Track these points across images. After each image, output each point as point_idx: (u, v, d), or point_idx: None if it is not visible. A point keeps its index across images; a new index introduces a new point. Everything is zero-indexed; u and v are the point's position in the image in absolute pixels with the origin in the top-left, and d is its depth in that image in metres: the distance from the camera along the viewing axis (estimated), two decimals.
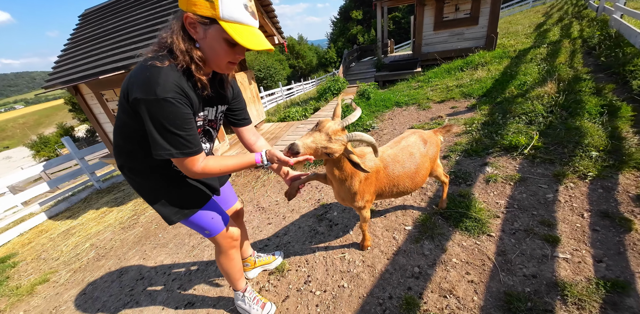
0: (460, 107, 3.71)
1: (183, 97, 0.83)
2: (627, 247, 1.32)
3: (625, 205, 1.54)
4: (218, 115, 1.10)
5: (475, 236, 1.61)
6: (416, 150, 1.48)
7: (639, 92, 2.44)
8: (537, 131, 2.39)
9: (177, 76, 0.82)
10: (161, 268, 2.18)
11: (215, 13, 0.77)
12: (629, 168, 1.75)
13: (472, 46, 6.49)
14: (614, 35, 4.02)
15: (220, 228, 1.20)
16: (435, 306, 1.28)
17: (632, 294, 1.13)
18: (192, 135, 0.87)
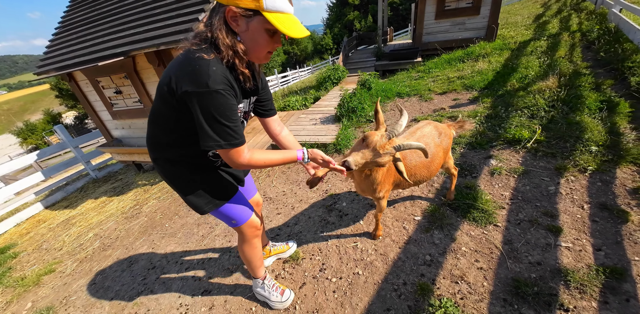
0: (463, 99, 3.75)
1: (231, 89, 0.85)
2: (624, 237, 1.43)
3: (622, 198, 1.64)
4: (250, 107, 1.11)
5: (482, 226, 1.70)
6: (431, 140, 1.52)
7: (637, 89, 2.52)
8: (540, 125, 2.46)
9: (224, 69, 0.83)
10: (172, 257, 2.22)
11: (259, 4, 0.77)
12: (626, 163, 1.85)
13: (473, 37, 6.45)
14: (613, 30, 4.07)
15: (246, 217, 1.24)
16: (447, 291, 1.37)
17: (628, 280, 1.24)
18: (238, 126, 0.89)
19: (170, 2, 3.13)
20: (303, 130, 3.75)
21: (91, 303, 1.95)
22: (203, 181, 1.12)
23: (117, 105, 3.96)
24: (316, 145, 3.24)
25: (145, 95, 3.57)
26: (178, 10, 2.96)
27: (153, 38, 2.88)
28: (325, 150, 3.17)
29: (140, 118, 3.88)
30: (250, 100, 1.09)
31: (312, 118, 4.20)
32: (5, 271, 2.67)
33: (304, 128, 3.79)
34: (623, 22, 3.88)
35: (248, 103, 1.08)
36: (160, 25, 2.94)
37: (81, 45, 3.48)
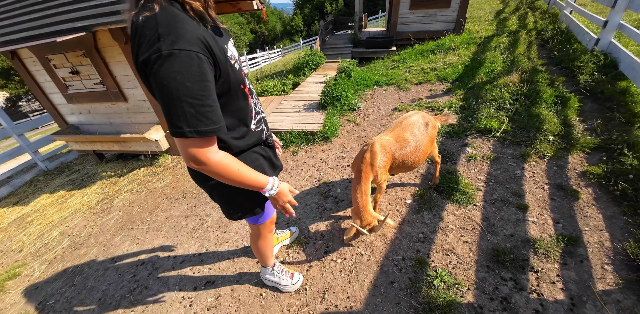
0: (437, 91, 4.00)
1: (204, 48, 0.63)
2: (576, 211, 1.74)
3: (573, 180, 1.97)
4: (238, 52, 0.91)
5: (464, 206, 1.93)
6: (417, 129, 1.68)
7: (584, 86, 2.92)
8: (506, 117, 2.76)
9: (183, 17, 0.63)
10: (162, 251, 2.15)
11: None
12: (576, 150, 2.19)
13: (444, 29, 6.75)
14: (564, 31, 4.56)
15: (270, 214, 1.21)
16: (441, 263, 1.57)
17: (581, 245, 1.54)
18: (212, 106, 0.65)
19: None
20: (287, 117, 3.72)
21: (74, 305, 1.84)
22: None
23: (73, 87, 3.52)
24: (303, 133, 3.26)
25: (109, 76, 3.22)
26: None
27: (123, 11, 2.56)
28: (313, 139, 3.21)
29: (102, 103, 3.51)
30: (234, 44, 0.85)
31: (294, 105, 4.16)
32: None
33: (288, 116, 3.76)
34: (574, 24, 4.36)
35: (234, 47, 0.83)
36: None
37: (28, 17, 2.96)
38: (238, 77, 0.77)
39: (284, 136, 3.25)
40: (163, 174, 3.42)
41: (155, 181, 3.29)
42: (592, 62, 3.20)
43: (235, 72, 0.75)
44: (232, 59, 0.75)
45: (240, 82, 0.78)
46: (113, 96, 3.36)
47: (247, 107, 0.85)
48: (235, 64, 0.77)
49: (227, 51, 0.73)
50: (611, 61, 3.06)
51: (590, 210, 1.73)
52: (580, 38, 3.97)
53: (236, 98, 0.79)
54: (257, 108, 0.95)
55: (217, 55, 0.66)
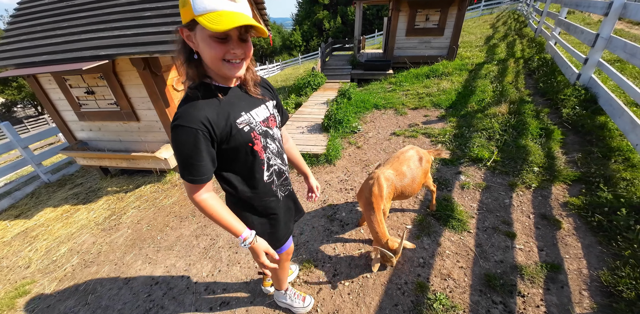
0: (432, 116, 4.28)
1: (202, 126, 0.84)
2: (557, 240, 1.95)
3: (556, 210, 2.19)
4: (272, 112, 1.06)
5: (459, 232, 2.12)
6: (412, 163, 1.91)
7: (567, 119, 3.22)
8: (496, 147, 3.02)
9: (195, 103, 0.85)
10: (175, 271, 2.23)
11: (191, 13, 0.72)
12: (559, 182, 2.43)
13: (437, 54, 7.21)
14: (549, 62, 4.97)
15: (288, 246, 1.35)
16: (439, 287, 1.74)
17: (562, 272, 1.73)
18: (200, 165, 0.88)
19: (162, 6, 3.01)
20: (292, 138, 3.90)
21: None
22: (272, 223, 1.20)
23: (86, 106, 3.67)
24: (308, 155, 3.45)
25: (124, 98, 3.40)
26: (173, 16, 2.89)
27: (145, 44, 2.77)
28: (317, 161, 3.40)
29: (114, 121, 3.65)
30: (264, 108, 1.03)
31: (298, 126, 4.38)
32: None
33: (293, 137, 3.96)
34: (558, 57, 4.73)
35: (262, 111, 1.02)
36: (153, 30, 2.84)
37: (50, 41, 3.15)
38: (245, 137, 0.94)
39: None
40: (170, 191, 3.52)
41: (162, 199, 3.38)
42: (574, 96, 3.52)
43: (242, 135, 0.93)
44: (241, 124, 0.93)
45: (247, 141, 0.95)
46: (126, 115, 3.51)
47: (254, 161, 1.01)
48: (245, 127, 0.94)
49: (237, 118, 0.92)
50: (591, 96, 3.35)
51: (571, 239, 1.94)
52: (564, 71, 4.34)
53: (244, 154, 0.98)
54: (272, 162, 1.08)
55: (215, 127, 0.87)
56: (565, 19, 5.02)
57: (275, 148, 1.09)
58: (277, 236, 1.23)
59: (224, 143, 0.92)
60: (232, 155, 0.96)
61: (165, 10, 2.95)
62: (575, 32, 4.04)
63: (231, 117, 0.91)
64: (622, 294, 1.53)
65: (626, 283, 1.56)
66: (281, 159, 1.14)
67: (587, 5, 3.83)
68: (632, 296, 1.49)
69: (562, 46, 4.73)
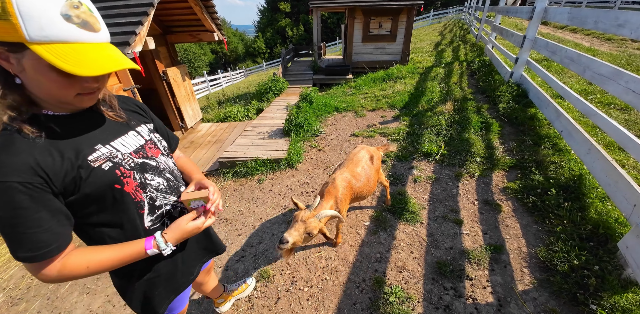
0: (388, 117, 4.47)
1: (25, 174, 0.61)
2: (499, 223, 2.10)
3: (497, 195, 2.37)
4: (148, 138, 0.87)
5: (412, 224, 2.20)
6: (366, 163, 1.95)
7: (503, 113, 3.55)
8: (443, 141, 3.22)
9: (5, 144, 0.61)
10: (117, 299, 1.99)
11: (20, 35, 0.54)
12: (498, 169, 2.65)
13: (392, 59, 7.62)
14: (488, 64, 5.49)
15: (181, 307, 1.09)
16: (395, 280, 1.77)
17: (504, 252, 1.86)
18: (36, 232, 0.62)
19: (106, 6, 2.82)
20: (252, 144, 3.83)
21: None
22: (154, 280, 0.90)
23: None
24: (268, 161, 3.39)
25: None
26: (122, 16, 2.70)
27: None
28: (278, 166, 3.35)
29: None
30: (140, 133, 0.85)
31: (259, 131, 4.31)
32: None
33: (252, 143, 3.88)
34: (495, 59, 5.28)
35: (134, 137, 0.83)
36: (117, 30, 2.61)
37: None
38: (106, 178, 0.72)
39: (249, 164, 3.35)
40: None
41: None
42: (509, 92, 3.91)
43: (100, 176, 0.71)
44: (97, 161, 0.71)
45: (110, 182, 0.73)
46: None
47: (129, 205, 0.78)
48: (105, 164, 0.72)
49: (90, 154, 0.71)
50: (523, 91, 3.76)
51: (510, 220, 2.10)
52: (499, 70, 4.82)
53: (111, 200, 0.75)
54: (159, 202, 0.86)
55: (50, 173, 0.64)
56: (499, 24, 5.61)
57: (163, 184, 0.87)
58: (152, 299, 0.92)
59: (74, 194, 0.68)
60: (95, 206, 0.73)
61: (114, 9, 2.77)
62: (507, 35, 4.52)
63: (80, 155, 0.69)
64: (557, 267, 1.67)
65: (560, 256, 1.71)
66: (177, 195, 0.92)
67: (515, 11, 4.33)
68: (566, 268, 1.64)
69: (497, 49, 5.27)
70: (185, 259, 0.99)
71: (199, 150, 4.21)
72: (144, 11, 2.73)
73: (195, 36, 4.59)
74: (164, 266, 0.92)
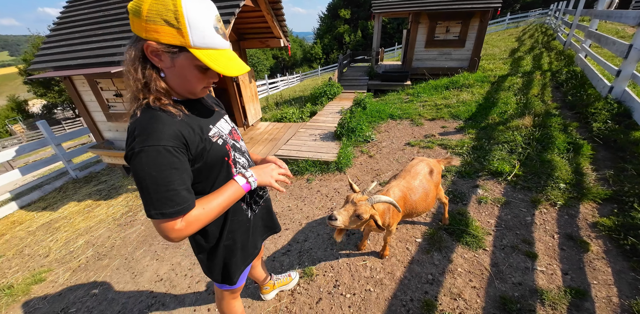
0: (450, 128, 4.15)
1: (174, 140, 0.73)
2: (585, 264, 1.76)
3: (584, 230, 2.00)
4: (232, 125, 1.03)
5: (474, 249, 1.98)
6: (424, 176, 1.82)
7: (598, 134, 3.00)
8: (518, 161, 2.85)
9: (158, 116, 0.74)
10: (180, 269, 2.24)
11: (185, 41, 0.69)
12: (588, 200, 2.24)
13: (458, 66, 7.09)
14: (579, 75, 4.73)
15: (242, 282, 1.19)
16: (448, 307, 1.61)
17: (588, 299, 1.55)
18: (177, 190, 0.73)
19: None
20: (304, 145, 3.93)
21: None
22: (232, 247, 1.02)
23: (114, 108, 3.90)
24: (318, 162, 3.43)
25: None
26: None
27: None
28: (327, 168, 3.37)
29: None
30: (227, 120, 1.01)
31: (311, 133, 4.40)
32: None
33: (305, 144, 3.97)
34: (588, 69, 4.51)
35: (226, 124, 0.98)
36: None
37: (86, 46, 3.42)
38: (221, 151, 0.87)
39: (300, 163, 3.43)
40: None
41: None
42: (606, 109, 3.29)
43: (216, 148, 0.86)
44: (214, 137, 0.86)
45: (223, 155, 0.88)
46: None
47: (227, 178, 0.92)
48: (219, 140, 0.87)
49: (209, 131, 0.86)
50: (625, 110, 3.14)
51: (600, 263, 1.75)
52: (594, 83, 4.10)
53: (218, 171, 0.88)
54: None
55: (190, 141, 0.77)
56: (595, 30, 4.80)
57: (245, 163, 1.01)
58: (230, 266, 1.04)
59: (199, 161, 0.82)
60: (205, 174, 0.86)
61: None
62: (606, 43, 3.84)
63: (204, 131, 0.84)
64: None
65: None
66: None
67: (618, 16, 3.65)
68: None
69: (592, 58, 4.50)
70: (253, 232, 1.11)
71: (257, 146, 4.48)
72: (226, 20, 3.01)
73: (263, 42, 4.91)
74: (240, 235, 1.03)
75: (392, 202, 1.31)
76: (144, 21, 0.67)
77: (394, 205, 1.32)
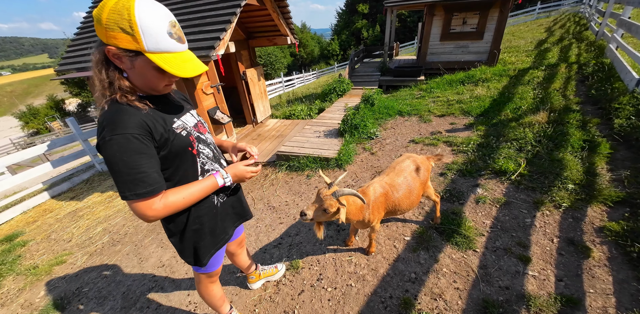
0: (459, 124, 3.99)
1: (139, 129, 0.81)
2: (584, 271, 1.65)
3: (588, 235, 1.86)
4: (198, 119, 1.10)
5: (463, 250, 1.91)
6: (408, 173, 1.77)
7: (619, 131, 2.75)
8: (525, 159, 2.69)
9: (124, 109, 0.82)
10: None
11: (140, 46, 0.76)
12: (597, 203, 2.07)
13: (475, 60, 6.74)
14: (607, 67, 4.33)
15: (215, 266, 1.25)
16: (427, 307, 1.58)
17: (581, 309, 1.45)
18: (147, 172, 0.82)
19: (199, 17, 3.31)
20: (307, 141, 3.96)
21: (103, 295, 2.11)
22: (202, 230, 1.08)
23: None
24: (319, 159, 3.45)
25: None
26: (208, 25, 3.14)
27: (200, 48, 2.98)
28: (327, 164, 3.38)
29: None
30: (192, 114, 1.08)
31: (316, 130, 4.42)
32: (15, 258, 2.80)
33: (308, 140, 4.00)
34: (617, 61, 4.11)
35: (191, 118, 1.06)
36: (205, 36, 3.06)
37: None
38: (184, 141, 0.96)
39: (301, 160, 3.47)
40: None
41: None
42: (631, 104, 3.01)
43: (180, 138, 0.94)
44: (178, 128, 0.94)
45: (187, 145, 0.97)
46: None
47: (192, 167, 1.01)
48: (182, 132, 0.96)
49: (173, 123, 0.94)
50: None
51: (601, 271, 1.63)
52: (622, 76, 3.74)
53: (182, 160, 0.97)
54: (207, 167, 1.07)
55: (154, 131, 0.86)
56: (629, 19, 4.35)
57: (210, 153, 1.09)
58: (199, 249, 1.11)
59: (164, 150, 0.90)
60: (170, 161, 0.94)
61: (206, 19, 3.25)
62: (637, 32, 3.48)
63: (167, 123, 0.92)
64: None
65: None
66: (219, 164, 1.13)
67: None
68: None
69: (623, 50, 4.09)
70: (222, 218, 1.18)
71: (264, 142, 4.57)
72: (227, 19, 3.08)
73: (271, 40, 4.97)
74: (207, 220, 1.10)
75: (357, 194, 1.31)
76: (104, 28, 0.75)
77: (358, 197, 1.32)
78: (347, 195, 1.33)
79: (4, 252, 2.94)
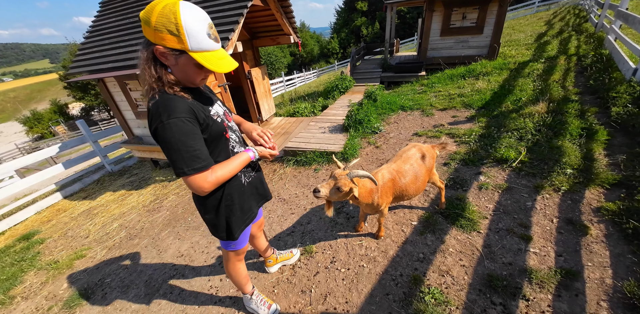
0: (461, 117, 4.09)
1: (189, 113, 0.95)
2: (582, 246, 1.75)
3: (586, 215, 1.97)
4: (224, 109, 1.24)
5: (467, 232, 2.03)
6: (416, 161, 1.88)
7: (616, 119, 2.84)
8: (525, 147, 2.79)
9: (174, 98, 0.95)
10: (198, 247, 2.51)
11: (185, 46, 0.88)
12: (595, 185, 2.17)
13: (475, 54, 6.82)
14: (605, 58, 4.41)
15: (241, 245, 1.39)
16: (435, 282, 1.70)
17: (579, 280, 1.56)
18: (200, 150, 0.96)
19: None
20: (313, 137, 4.08)
21: (126, 284, 2.24)
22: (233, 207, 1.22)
23: (142, 106, 4.27)
24: (325, 153, 3.56)
25: None
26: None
27: None
28: None
29: None
30: (220, 105, 1.21)
31: (320, 126, 4.53)
32: (34, 255, 2.93)
33: (314, 136, 4.11)
34: (615, 52, 4.19)
35: (220, 107, 1.18)
36: None
37: (115, 51, 3.80)
38: (220, 127, 1.09)
39: (308, 154, 3.59)
40: None
41: None
42: (628, 93, 3.10)
43: (217, 124, 1.08)
44: (214, 116, 1.08)
45: (222, 130, 1.10)
46: None
47: (225, 150, 1.16)
48: (218, 119, 1.10)
49: (210, 111, 1.07)
50: None
51: (598, 246, 1.74)
52: (620, 67, 3.83)
53: (218, 143, 1.11)
54: (237, 150, 1.23)
55: (199, 116, 0.99)
56: (626, 10, 4.42)
57: (237, 138, 1.24)
58: (231, 223, 1.24)
59: (205, 133, 1.03)
60: (209, 145, 1.06)
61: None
62: (634, 22, 3.57)
63: (206, 111, 1.05)
64: None
65: None
66: (244, 147, 1.28)
67: None
68: None
69: (621, 41, 4.17)
70: (248, 196, 1.31)
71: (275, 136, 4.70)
72: (235, 20, 3.20)
73: (274, 39, 5.08)
74: (237, 197, 1.24)
75: (369, 176, 1.43)
76: (153, 30, 0.86)
77: (371, 179, 1.43)
78: (361, 176, 1.44)
79: (23, 249, 3.08)
